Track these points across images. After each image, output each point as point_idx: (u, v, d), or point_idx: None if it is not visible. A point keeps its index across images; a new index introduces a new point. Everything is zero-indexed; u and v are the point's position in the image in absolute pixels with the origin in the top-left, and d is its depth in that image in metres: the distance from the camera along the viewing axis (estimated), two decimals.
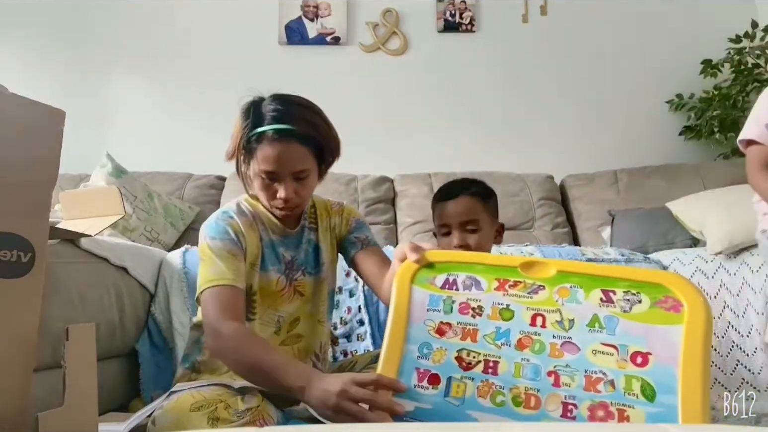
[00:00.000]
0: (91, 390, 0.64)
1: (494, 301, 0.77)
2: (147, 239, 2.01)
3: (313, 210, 1.16)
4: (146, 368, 1.47)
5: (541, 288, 0.75)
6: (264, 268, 1.04)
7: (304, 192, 1.04)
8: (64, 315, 1.15)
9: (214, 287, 0.93)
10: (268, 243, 1.06)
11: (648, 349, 0.66)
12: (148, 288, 1.53)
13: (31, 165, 0.66)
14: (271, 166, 0.98)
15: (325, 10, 2.82)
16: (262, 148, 0.97)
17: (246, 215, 1.05)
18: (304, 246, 1.11)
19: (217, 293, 0.93)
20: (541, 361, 0.70)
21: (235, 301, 0.94)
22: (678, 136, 2.77)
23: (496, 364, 0.72)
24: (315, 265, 1.12)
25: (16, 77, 2.64)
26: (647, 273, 0.72)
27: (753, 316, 1.58)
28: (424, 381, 0.73)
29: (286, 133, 0.97)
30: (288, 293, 1.07)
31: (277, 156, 0.97)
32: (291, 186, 1.00)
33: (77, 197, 1.60)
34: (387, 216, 2.41)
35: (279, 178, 1.00)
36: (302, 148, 0.99)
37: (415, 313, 0.79)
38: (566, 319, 0.72)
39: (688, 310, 0.66)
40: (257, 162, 0.98)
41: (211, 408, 0.81)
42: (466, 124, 2.79)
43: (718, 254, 1.69)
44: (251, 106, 1.01)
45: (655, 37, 2.84)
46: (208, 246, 0.98)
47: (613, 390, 0.65)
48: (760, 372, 1.55)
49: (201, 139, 2.62)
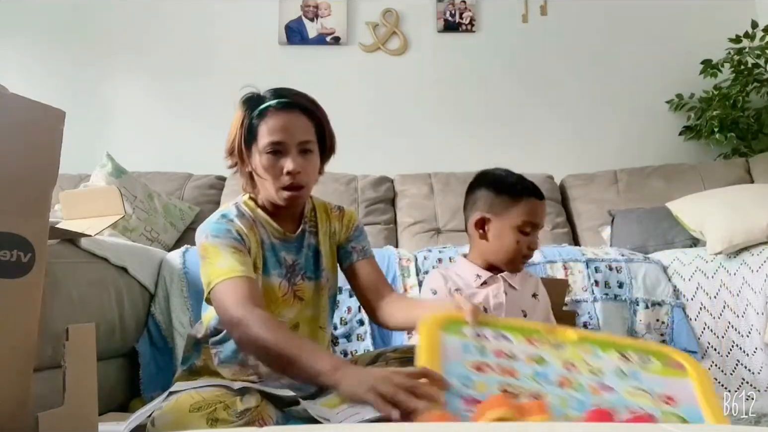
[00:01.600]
0: (91, 390, 0.64)
1: (526, 351, 0.80)
2: (147, 239, 2.01)
3: (314, 213, 1.15)
4: (146, 368, 1.47)
5: (565, 346, 0.83)
6: (266, 273, 1.03)
7: (310, 169, 1.03)
8: (64, 315, 1.15)
9: (226, 280, 0.91)
10: (270, 247, 1.05)
11: (672, 394, 0.77)
12: (148, 288, 1.53)
13: (31, 165, 0.66)
14: (277, 135, 0.98)
15: (325, 10, 2.82)
16: (267, 121, 0.99)
17: (246, 218, 1.03)
18: (304, 250, 1.10)
19: (233, 284, 0.91)
20: (585, 397, 0.73)
21: (254, 289, 0.92)
22: (678, 136, 2.77)
23: (541, 397, 0.72)
24: (315, 269, 1.11)
25: (16, 77, 2.64)
26: (650, 344, 0.95)
27: (753, 316, 1.58)
28: (472, 405, 0.69)
29: (290, 104, 1.00)
30: (288, 298, 1.05)
31: (282, 125, 0.99)
32: (297, 159, 0.99)
33: (77, 197, 1.60)
34: (387, 216, 2.41)
35: (285, 150, 0.99)
36: (306, 121, 1.01)
37: (449, 355, 0.76)
38: (595, 368, 0.79)
39: (689, 368, 0.82)
40: (262, 137, 0.99)
41: (210, 409, 0.81)
42: (466, 124, 2.79)
43: (718, 254, 1.69)
44: (251, 95, 1.04)
45: (655, 37, 2.84)
46: (212, 244, 0.96)
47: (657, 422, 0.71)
48: (760, 372, 1.55)
49: (201, 139, 2.61)
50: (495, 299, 1.11)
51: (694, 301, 1.65)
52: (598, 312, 1.61)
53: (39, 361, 1.00)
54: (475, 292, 1.12)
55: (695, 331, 1.63)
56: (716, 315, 1.63)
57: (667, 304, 1.65)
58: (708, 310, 1.64)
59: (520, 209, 1.12)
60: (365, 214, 2.37)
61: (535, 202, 1.12)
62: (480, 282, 1.13)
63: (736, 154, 2.64)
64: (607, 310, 1.62)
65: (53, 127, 0.67)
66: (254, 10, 2.82)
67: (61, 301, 1.16)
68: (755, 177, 2.36)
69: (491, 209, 1.14)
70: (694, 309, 1.65)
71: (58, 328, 0.68)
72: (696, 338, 1.62)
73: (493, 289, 1.12)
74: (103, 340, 1.29)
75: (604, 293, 1.64)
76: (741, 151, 2.64)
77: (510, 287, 1.14)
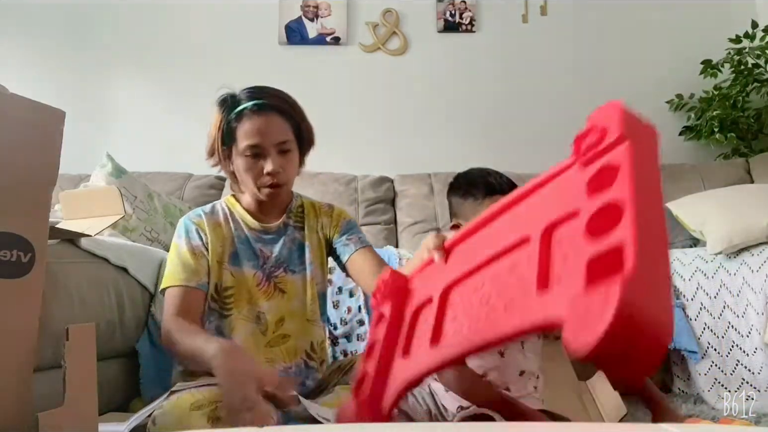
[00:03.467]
0: (91, 390, 0.64)
1: None
2: (147, 239, 2.01)
3: (301, 209, 1.17)
4: (146, 368, 1.47)
5: None
6: (236, 264, 1.07)
7: (289, 168, 1.07)
8: (64, 315, 1.15)
9: (170, 288, 1.02)
10: (243, 240, 1.09)
11: None
12: (148, 288, 1.53)
13: (31, 165, 0.66)
14: (254, 138, 1.01)
15: (325, 10, 2.82)
16: (243, 124, 1.02)
17: (216, 215, 1.10)
18: (287, 244, 1.12)
19: (169, 295, 1.01)
20: None
21: (182, 299, 1.00)
22: (678, 136, 2.77)
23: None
24: (299, 263, 1.12)
25: (16, 77, 2.64)
26: None
27: (753, 316, 1.58)
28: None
29: (264, 106, 1.02)
30: (266, 289, 1.08)
31: (258, 128, 1.02)
32: (276, 160, 1.03)
33: (77, 197, 1.60)
34: (387, 216, 2.41)
35: (263, 152, 1.03)
36: (281, 121, 1.04)
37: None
38: None
39: None
40: (240, 140, 1.02)
41: (211, 407, 0.81)
42: (466, 124, 2.79)
43: (718, 254, 1.68)
44: (226, 97, 1.07)
45: (655, 37, 2.84)
46: (174, 243, 1.07)
47: None
48: (760, 372, 1.55)
49: (201, 139, 2.59)
50: None
51: (694, 301, 1.65)
52: None
53: (39, 361, 1.00)
54: None
55: (695, 331, 1.63)
56: (716, 315, 1.63)
57: None
58: (708, 310, 1.64)
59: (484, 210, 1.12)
60: (365, 214, 2.37)
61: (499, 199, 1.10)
62: None
63: (736, 154, 2.64)
64: None
65: (53, 127, 0.67)
66: (254, 10, 2.82)
67: (61, 301, 1.16)
68: (755, 177, 2.36)
69: (462, 214, 1.15)
70: (694, 309, 1.65)
71: (58, 328, 0.68)
72: (696, 338, 1.62)
73: None
74: (103, 340, 1.29)
75: None
76: (741, 151, 2.63)
77: None
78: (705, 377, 1.59)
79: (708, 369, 1.60)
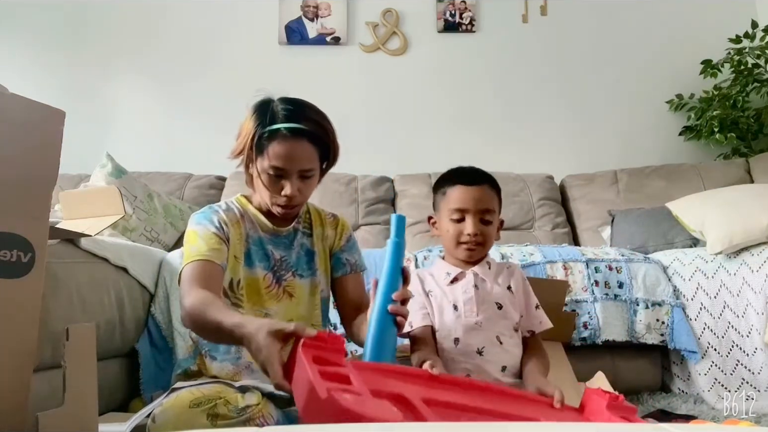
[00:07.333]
0: (91, 390, 0.64)
1: None
2: (147, 239, 2.01)
3: (308, 216, 1.17)
4: (146, 368, 1.47)
5: None
6: (250, 264, 1.06)
7: (307, 191, 1.07)
8: (64, 315, 1.15)
9: (191, 263, 0.97)
10: (256, 240, 1.08)
11: None
12: (148, 288, 1.53)
13: (31, 165, 0.66)
14: (281, 162, 1.00)
15: (325, 10, 2.82)
16: (274, 145, 1.00)
17: (233, 212, 1.08)
18: (296, 249, 1.12)
19: (192, 267, 0.97)
20: None
21: (207, 271, 0.97)
22: (678, 136, 2.77)
23: None
24: (308, 269, 1.13)
25: (16, 77, 2.64)
26: None
27: (753, 316, 1.58)
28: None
29: (298, 131, 1.00)
30: (276, 291, 1.08)
31: (287, 153, 1.00)
32: (296, 184, 1.03)
33: (77, 197, 1.60)
34: (387, 216, 2.41)
35: (286, 175, 1.02)
36: (311, 148, 1.03)
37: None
38: None
39: None
40: (267, 158, 1.01)
41: (211, 404, 0.81)
42: (466, 124, 2.79)
43: (718, 254, 1.68)
44: (262, 105, 1.04)
45: (655, 37, 2.84)
46: (192, 230, 1.03)
47: None
48: (760, 372, 1.55)
49: (201, 139, 2.62)
50: (464, 295, 1.10)
51: (694, 301, 1.65)
52: (598, 312, 1.61)
53: (39, 361, 1.00)
54: (446, 291, 1.12)
55: (695, 331, 1.63)
56: (716, 315, 1.63)
57: (667, 304, 1.65)
58: (708, 310, 1.64)
59: (447, 199, 1.14)
60: (365, 214, 2.37)
61: (462, 189, 1.12)
62: (449, 279, 1.13)
63: (736, 154, 2.64)
64: (607, 310, 1.62)
65: (53, 127, 0.67)
66: (254, 10, 2.82)
67: (61, 301, 1.16)
68: (755, 177, 2.36)
69: (436, 208, 1.19)
70: (694, 309, 1.65)
71: (58, 328, 0.68)
72: (696, 338, 1.61)
73: (462, 285, 1.12)
74: (103, 340, 1.29)
75: (604, 293, 1.64)
76: (741, 151, 2.64)
77: (481, 281, 1.13)
78: (705, 377, 1.59)
79: (708, 369, 1.60)
